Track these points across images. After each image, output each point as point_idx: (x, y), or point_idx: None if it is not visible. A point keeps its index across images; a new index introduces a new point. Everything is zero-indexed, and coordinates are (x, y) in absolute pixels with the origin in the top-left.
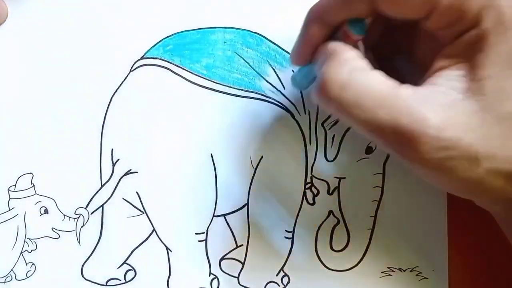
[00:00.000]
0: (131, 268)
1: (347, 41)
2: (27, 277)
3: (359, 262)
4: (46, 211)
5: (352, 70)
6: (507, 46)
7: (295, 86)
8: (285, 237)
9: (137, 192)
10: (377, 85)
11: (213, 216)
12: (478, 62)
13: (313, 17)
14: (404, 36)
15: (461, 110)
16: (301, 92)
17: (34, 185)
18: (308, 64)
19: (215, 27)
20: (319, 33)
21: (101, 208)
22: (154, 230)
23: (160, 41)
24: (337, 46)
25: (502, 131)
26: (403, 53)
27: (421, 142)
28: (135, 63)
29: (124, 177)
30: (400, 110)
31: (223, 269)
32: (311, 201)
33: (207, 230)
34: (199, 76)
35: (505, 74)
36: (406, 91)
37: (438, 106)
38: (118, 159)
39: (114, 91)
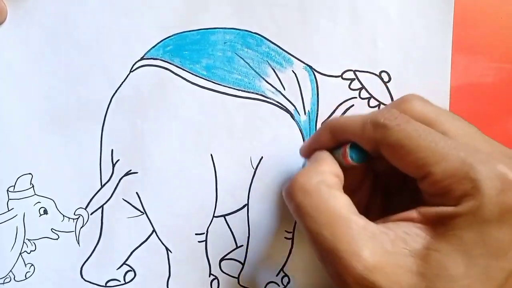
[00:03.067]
0: (131, 269)
1: (344, 158)
2: (26, 278)
3: None
4: (45, 212)
5: (321, 182)
6: (470, 237)
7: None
8: (285, 238)
9: (137, 193)
10: (335, 204)
11: (213, 216)
12: (439, 233)
13: (328, 129)
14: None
15: (398, 264)
16: (301, 93)
17: (33, 186)
18: None
19: (215, 28)
20: (327, 141)
21: (101, 208)
22: (154, 230)
23: (160, 41)
24: (321, 156)
25: None
26: (394, 186)
27: (348, 273)
28: (135, 63)
29: (124, 177)
30: (343, 236)
31: (223, 269)
32: None
33: (207, 231)
34: (199, 76)
35: (454, 258)
36: (359, 221)
37: (378, 248)
38: (118, 160)
39: (114, 91)
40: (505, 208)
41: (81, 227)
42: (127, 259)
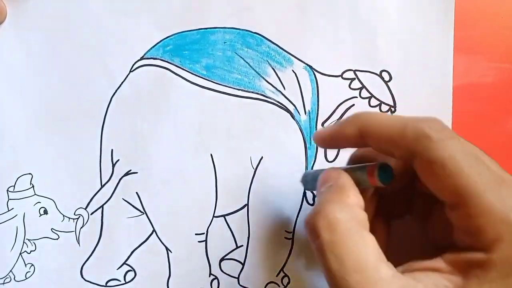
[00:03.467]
0: (131, 269)
1: (368, 177)
2: (26, 278)
3: None
4: (45, 212)
5: (351, 219)
6: (502, 284)
7: (302, 183)
8: (285, 238)
9: (137, 193)
10: (365, 249)
11: (213, 216)
12: (470, 285)
13: (357, 123)
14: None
15: None
16: (301, 92)
17: (33, 186)
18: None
19: (215, 28)
20: (352, 138)
21: (101, 208)
22: (154, 230)
23: (160, 41)
24: (346, 183)
25: None
26: (416, 218)
27: None
28: (135, 63)
29: (124, 177)
30: (372, 285)
31: (223, 269)
32: (311, 201)
33: (207, 231)
34: (199, 76)
35: None
36: (387, 271)
37: None
38: (118, 160)
39: (115, 91)
40: None
41: (81, 227)
42: (127, 259)
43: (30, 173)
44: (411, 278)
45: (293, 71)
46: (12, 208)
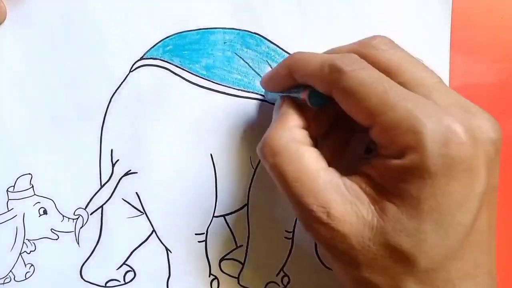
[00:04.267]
0: (131, 269)
1: (303, 102)
2: (26, 278)
3: None
4: (45, 212)
5: (290, 141)
6: (418, 191)
7: (266, 98)
8: (285, 237)
9: (136, 193)
10: (303, 161)
11: (213, 216)
12: (393, 187)
13: (287, 65)
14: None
15: (361, 216)
16: None
17: (33, 186)
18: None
19: (214, 28)
20: (286, 78)
21: (100, 208)
22: (153, 230)
23: (160, 41)
24: (287, 110)
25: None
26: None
27: (317, 223)
28: (135, 63)
29: (124, 177)
30: (310, 191)
31: (223, 269)
32: None
33: (207, 231)
34: (198, 76)
35: (407, 212)
36: (325, 176)
37: (342, 201)
38: (118, 160)
39: (114, 91)
40: (450, 161)
41: (81, 227)
42: (127, 259)
43: (30, 173)
44: (348, 179)
45: None
46: (12, 208)
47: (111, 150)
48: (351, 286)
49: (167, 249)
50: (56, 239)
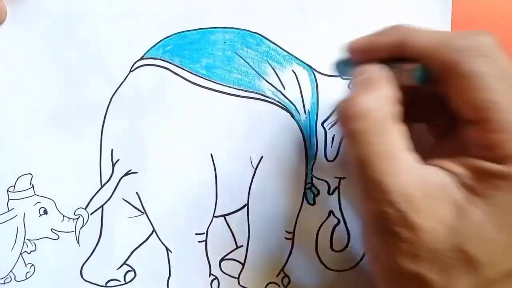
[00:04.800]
0: (131, 269)
1: (404, 74)
2: (27, 278)
3: (359, 262)
4: (45, 212)
5: (379, 109)
6: (509, 202)
7: (335, 70)
8: (285, 238)
9: (137, 193)
10: (392, 136)
11: (213, 216)
12: (481, 190)
13: (395, 34)
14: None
15: (438, 211)
16: (300, 92)
17: (33, 186)
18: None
19: (214, 27)
20: (387, 49)
21: (100, 208)
22: (154, 230)
23: (160, 41)
24: (380, 79)
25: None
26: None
27: (389, 206)
28: (135, 63)
29: (124, 177)
30: (391, 171)
31: (223, 269)
32: (311, 201)
33: (207, 231)
34: (199, 76)
35: (489, 220)
36: (409, 159)
37: (424, 191)
38: (118, 160)
39: (114, 91)
40: None
41: (81, 227)
42: (127, 259)
43: (30, 173)
44: (433, 169)
45: (292, 71)
46: (12, 208)
47: (111, 150)
48: (390, 277)
49: (167, 249)
50: (57, 239)
